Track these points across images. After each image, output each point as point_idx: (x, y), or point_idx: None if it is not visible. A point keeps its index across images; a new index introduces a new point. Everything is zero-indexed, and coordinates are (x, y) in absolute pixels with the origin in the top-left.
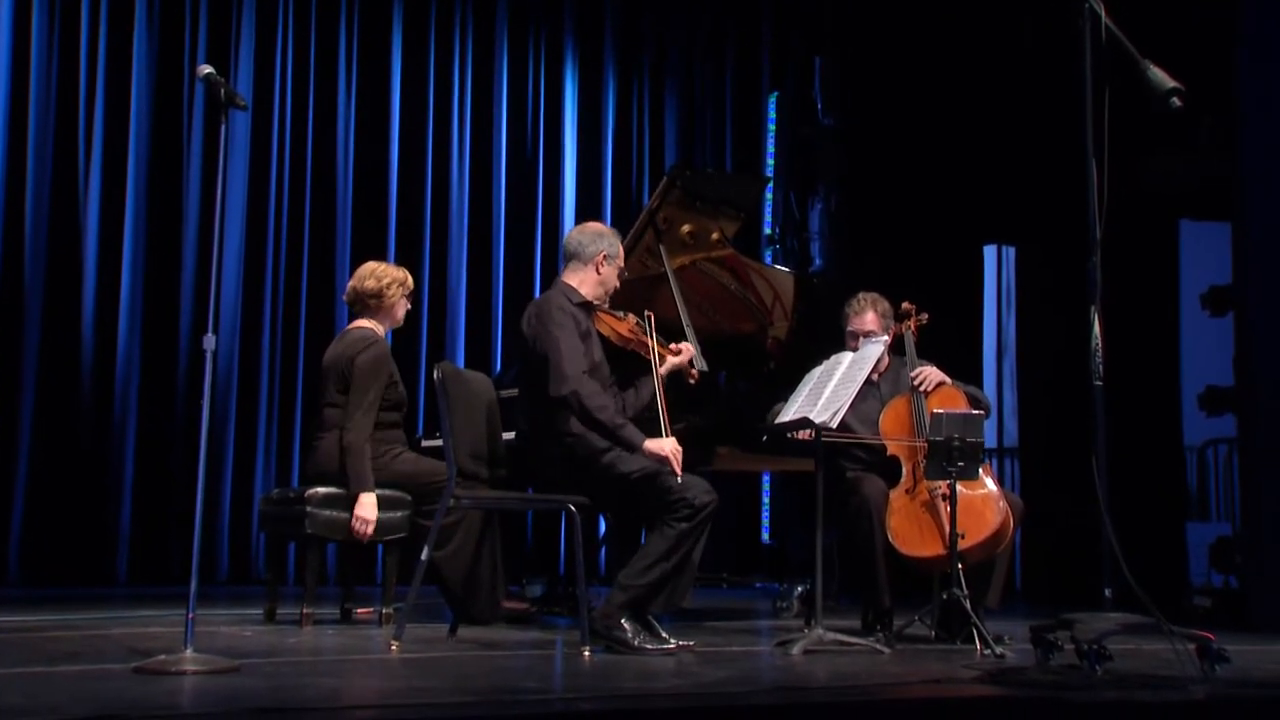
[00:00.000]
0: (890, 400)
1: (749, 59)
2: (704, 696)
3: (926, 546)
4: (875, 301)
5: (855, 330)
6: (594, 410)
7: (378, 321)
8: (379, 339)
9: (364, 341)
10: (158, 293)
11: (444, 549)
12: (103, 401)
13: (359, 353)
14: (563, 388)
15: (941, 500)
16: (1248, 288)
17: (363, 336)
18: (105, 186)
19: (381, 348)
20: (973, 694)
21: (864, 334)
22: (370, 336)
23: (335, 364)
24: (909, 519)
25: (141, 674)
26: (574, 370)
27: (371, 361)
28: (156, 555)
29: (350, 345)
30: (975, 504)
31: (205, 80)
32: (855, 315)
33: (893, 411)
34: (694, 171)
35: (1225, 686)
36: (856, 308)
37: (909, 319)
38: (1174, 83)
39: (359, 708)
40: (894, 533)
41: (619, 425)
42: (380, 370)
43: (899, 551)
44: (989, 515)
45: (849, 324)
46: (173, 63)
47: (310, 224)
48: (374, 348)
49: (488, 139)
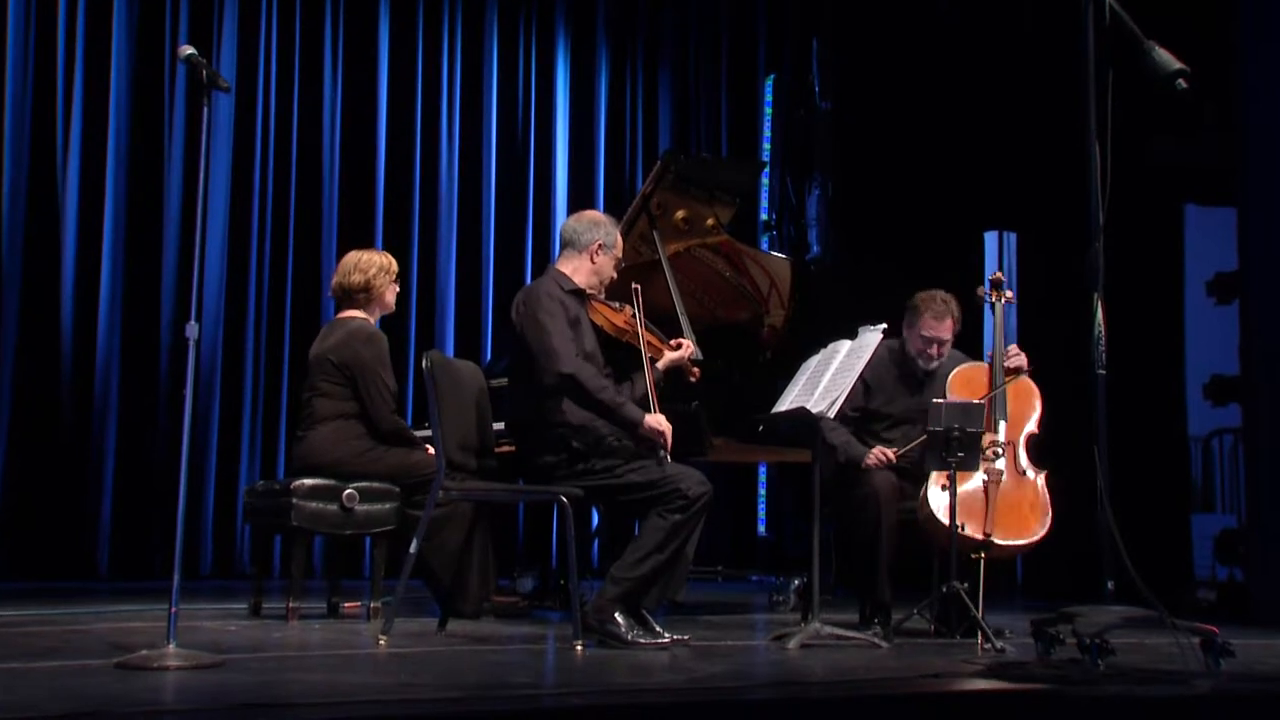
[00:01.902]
0: (964, 365)
1: (745, 41)
2: (698, 691)
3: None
4: (954, 307)
5: (931, 336)
6: (594, 391)
7: (368, 312)
8: (378, 330)
9: (364, 333)
10: (139, 280)
11: (433, 542)
12: (82, 391)
13: (363, 345)
14: (561, 367)
15: (994, 486)
16: (1253, 274)
17: (361, 328)
18: (84, 170)
19: (382, 338)
20: (972, 689)
21: (938, 343)
22: (369, 328)
23: (330, 355)
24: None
25: (123, 669)
26: (568, 351)
27: (378, 354)
28: (138, 549)
29: (350, 336)
30: (1023, 507)
31: (187, 61)
32: (934, 319)
33: (964, 376)
34: (688, 156)
35: (1229, 681)
36: (936, 310)
37: (999, 290)
38: (1179, 64)
39: (346, 703)
40: (934, 499)
41: (619, 404)
42: (386, 357)
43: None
44: (1033, 523)
45: (923, 327)
46: (153, 43)
47: (295, 209)
48: (376, 340)
49: (477, 123)
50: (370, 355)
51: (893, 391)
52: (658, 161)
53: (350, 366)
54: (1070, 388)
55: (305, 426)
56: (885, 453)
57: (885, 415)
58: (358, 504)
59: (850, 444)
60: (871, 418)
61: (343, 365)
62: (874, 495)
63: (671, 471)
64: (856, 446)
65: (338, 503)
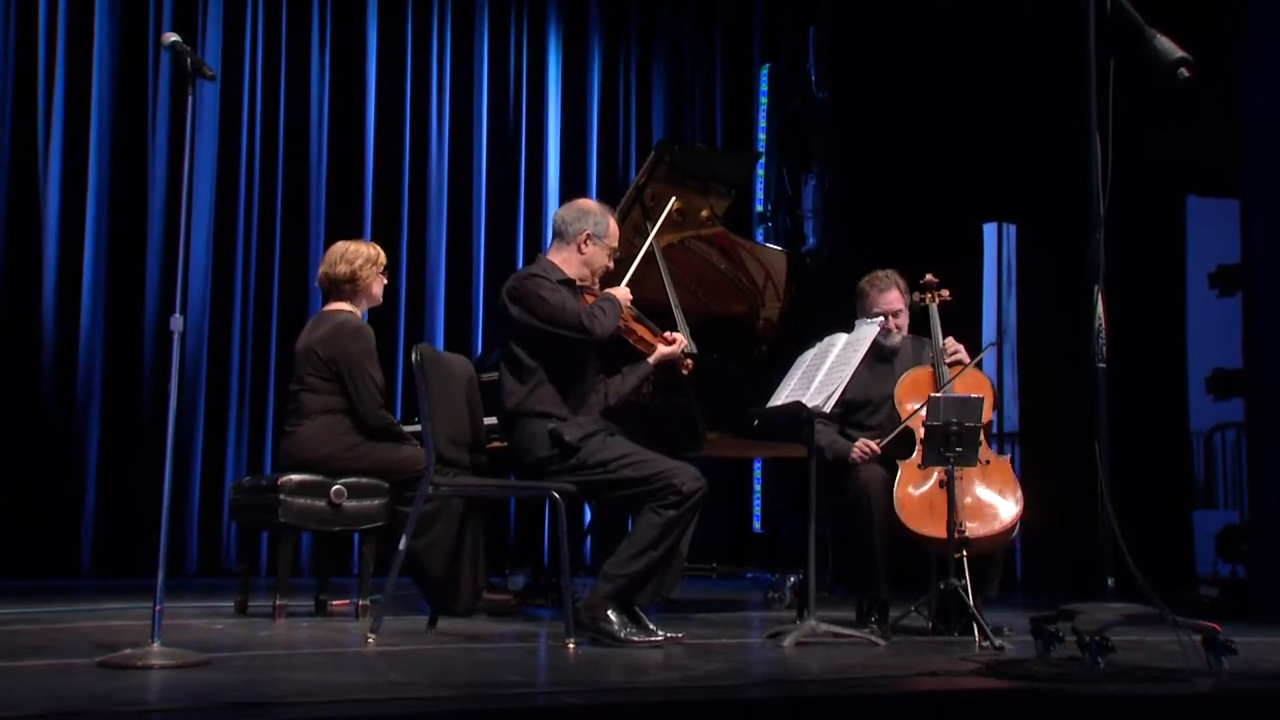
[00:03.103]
0: (910, 369)
1: (740, 29)
2: (693, 690)
3: (934, 526)
4: (897, 278)
5: (882, 310)
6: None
7: (355, 304)
8: (364, 324)
9: (350, 327)
10: (122, 272)
11: (423, 538)
12: (65, 385)
13: (349, 340)
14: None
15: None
16: (1256, 266)
17: (347, 322)
18: (66, 159)
19: (368, 332)
20: (971, 687)
21: (891, 314)
22: (355, 322)
23: (317, 349)
24: (919, 494)
25: (107, 668)
26: (591, 321)
27: (365, 349)
28: (122, 546)
29: (337, 331)
30: (992, 494)
31: (171, 49)
32: (879, 293)
33: (911, 380)
34: (683, 146)
35: (1231, 679)
36: (880, 285)
37: (933, 291)
38: (1181, 52)
39: (334, 703)
40: (901, 505)
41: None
42: (373, 351)
43: (905, 527)
44: (1005, 508)
45: (871, 304)
46: (137, 30)
47: (283, 200)
48: (363, 335)
49: (468, 112)
50: (357, 350)
51: (867, 379)
52: (651, 152)
53: (337, 362)
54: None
55: (293, 422)
56: (870, 445)
57: (864, 402)
58: (346, 500)
59: (835, 442)
60: (851, 408)
61: (329, 360)
62: (865, 490)
63: (665, 467)
64: (841, 443)
65: (326, 498)
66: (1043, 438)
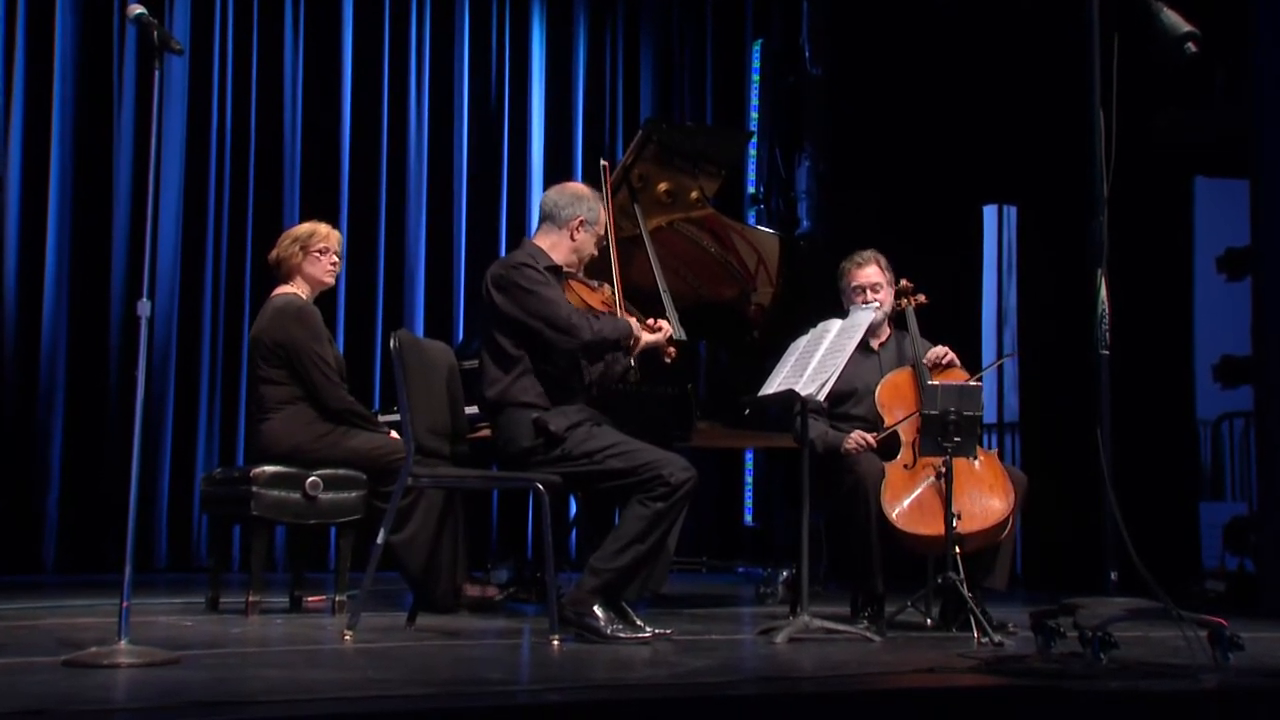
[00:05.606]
0: (888, 375)
1: (731, 3)
2: (682, 687)
3: (925, 525)
4: (877, 254)
5: (860, 285)
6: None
7: (297, 286)
8: (306, 305)
9: (291, 309)
10: (87, 255)
11: (402, 532)
12: (27, 373)
13: (291, 323)
14: (585, 338)
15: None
16: (1266, 249)
17: (289, 303)
18: (28, 137)
19: (311, 312)
20: (969, 684)
21: (869, 287)
22: (297, 303)
23: (263, 337)
24: (908, 495)
25: (72, 667)
26: (582, 322)
27: (311, 331)
28: (88, 541)
29: (278, 314)
30: (982, 488)
31: (136, 21)
32: (857, 269)
33: (891, 383)
34: (671, 125)
35: (1238, 675)
36: (858, 260)
37: (909, 296)
38: (1189, 26)
39: (309, 701)
40: (890, 507)
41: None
42: (320, 331)
43: (895, 528)
44: (996, 502)
45: (851, 280)
46: (101, 2)
47: (255, 180)
48: (305, 315)
49: (448, 89)
50: (303, 334)
51: (852, 369)
52: (639, 131)
53: (284, 346)
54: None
55: (258, 417)
56: (865, 437)
57: (850, 392)
58: (321, 492)
59: (827, 434)
60: (837, 400)
61: (276, 346)
62: (862, 483)
63: (653, 457)
64: (833, 435)
65: (300, 491)
66: (1044, 427)
